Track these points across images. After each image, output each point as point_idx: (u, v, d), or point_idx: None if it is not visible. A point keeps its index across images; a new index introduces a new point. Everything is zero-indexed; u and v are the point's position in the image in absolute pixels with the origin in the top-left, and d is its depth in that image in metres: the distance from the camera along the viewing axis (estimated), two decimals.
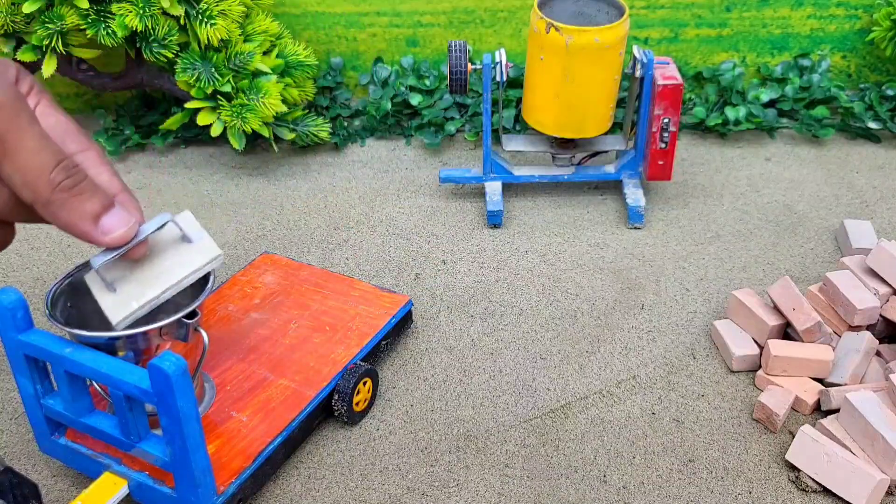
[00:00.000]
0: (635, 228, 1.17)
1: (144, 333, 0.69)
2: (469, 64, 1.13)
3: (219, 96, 1.23)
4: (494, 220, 1.18)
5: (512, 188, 1.29)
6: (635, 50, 1.13)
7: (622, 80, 1.39)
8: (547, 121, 1.14)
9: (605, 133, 1.20)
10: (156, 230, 0.65)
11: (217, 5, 1.18)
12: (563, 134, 1.15)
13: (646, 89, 1.12)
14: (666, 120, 1.11)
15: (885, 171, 1.33)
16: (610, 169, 1.21)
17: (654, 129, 1.13)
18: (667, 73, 1.11)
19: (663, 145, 1.13)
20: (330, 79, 1.51)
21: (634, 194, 1.19)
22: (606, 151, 1.23)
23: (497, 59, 1.12)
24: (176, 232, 0.69)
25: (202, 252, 0.69)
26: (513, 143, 1.22)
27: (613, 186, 1.31)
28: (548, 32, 1.04)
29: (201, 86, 1.21)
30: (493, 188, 1.20)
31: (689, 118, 1.45)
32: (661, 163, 1.15)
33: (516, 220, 1.22)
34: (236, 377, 0.85)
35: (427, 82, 1.49)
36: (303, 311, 0.94)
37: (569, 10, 1.14)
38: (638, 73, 1.12)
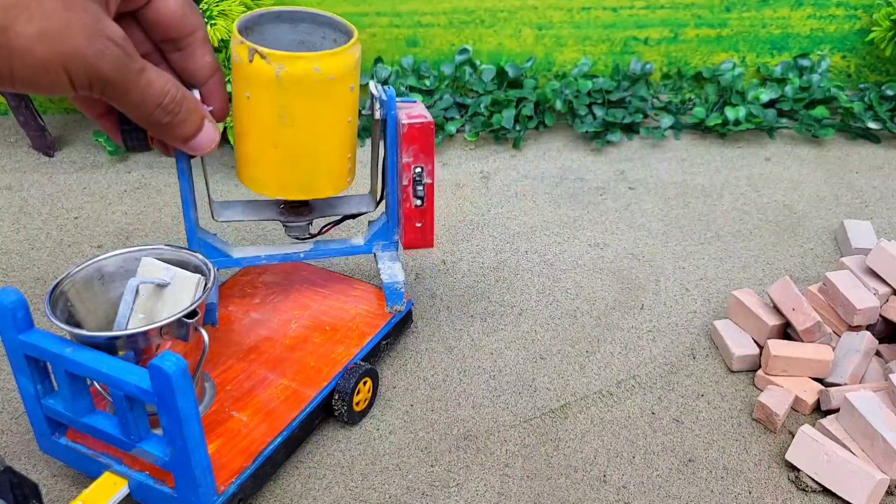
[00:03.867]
0: (395, 311, 0.91)
1: (144, 333, 0.69)
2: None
3: None
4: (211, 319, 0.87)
5: (512, 187, 1.30)
6: (371, 86, 0.89)
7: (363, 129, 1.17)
8: (266, 179, 0.84)
9: (347, 192, 0.95)
10: (135, 299, 0.75)
11: (217, 5, 1.18)
12: (290, 195, 0.85)
13: (389, 132, 0.87)
14: (418, 169, 0.87)
15: (885, 171, 1.33)
16: (359, 241, 0.95)
17: (405, 183, 0.88)
18: (413, 113, 0.88)
19: (419, 202, 0.89)
20: None
21: (390, 269, 0.93)
22: (354, 216, 0.95)
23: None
24: (150, 283, 0.77)
25: (185, 288, 0.75)
26: (227, 212, 0.92)
27: (613, 188, 1.31)
28: (251, 61, 0.77)
29: None
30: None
31: (689, 118, 1.45)
32: (418, 225, 0.91)
33: (516, 219, 1.22)
34: (236, 377, 0.85)
35: (427, 82, 1.49)
36: (303, 311, 0.94)
37: (285, 39, 0.84)
38: (378, 115, 0.87)
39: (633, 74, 1.52)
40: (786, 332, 0.94)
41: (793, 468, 0.81)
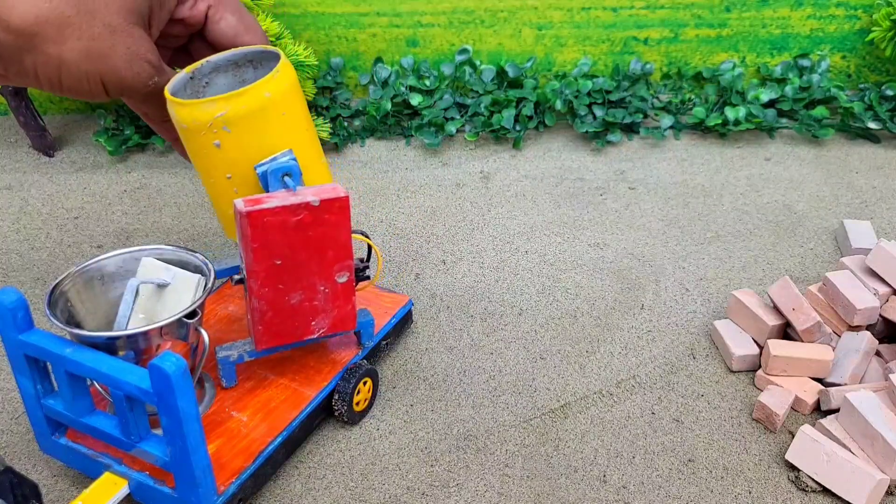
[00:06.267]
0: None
1: (145, 333, 0.69)
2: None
3: None
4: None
5: (512, 187, 1.29)
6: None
7: None
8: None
9: None
10: (135, 299, 0.75)
11: None
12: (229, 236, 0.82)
13: None
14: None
15: (885, 171, 1.33)
16: None
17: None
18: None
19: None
20: (330, 79, 1.51)
21: None
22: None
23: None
24: (151, 284, 0.77)
25: (186, 288, 0.76)
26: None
27: (613, 188, 1.31)
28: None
29: None
30: None
31: (690, 118, 1.45)
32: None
33: (516, 220, 1.22)
34: (236, 377, 0.85)
35: (427, 82, 1.49)
36: None
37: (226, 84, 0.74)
38: None
39: (633, 74, 1.52)
40: (786, 332, 0.94)
41: (793, 468, 0.81)
